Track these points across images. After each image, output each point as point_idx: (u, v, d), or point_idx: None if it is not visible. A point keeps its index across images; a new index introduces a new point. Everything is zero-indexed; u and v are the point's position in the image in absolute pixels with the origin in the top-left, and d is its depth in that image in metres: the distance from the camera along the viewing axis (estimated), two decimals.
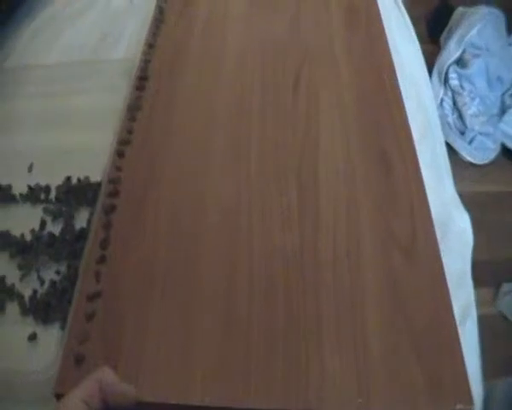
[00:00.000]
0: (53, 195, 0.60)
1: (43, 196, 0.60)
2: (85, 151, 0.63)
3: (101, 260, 0.49)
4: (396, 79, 0.69)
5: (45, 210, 0.59)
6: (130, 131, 0.60)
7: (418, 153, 0.63)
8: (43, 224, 0.58)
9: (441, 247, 0.63)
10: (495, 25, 1.52)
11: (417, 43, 0.94)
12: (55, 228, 0.58)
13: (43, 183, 0.61)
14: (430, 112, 0.83)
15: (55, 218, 0.58)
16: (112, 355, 0.44)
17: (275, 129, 0.62)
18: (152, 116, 0.63)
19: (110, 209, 0.53)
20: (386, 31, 0.77)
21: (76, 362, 0.43)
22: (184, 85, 0.66)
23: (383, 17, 0.78)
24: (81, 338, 0.44)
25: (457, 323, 0.57)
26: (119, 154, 0.58)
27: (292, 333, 0.46)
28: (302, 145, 0.60)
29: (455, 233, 0.66)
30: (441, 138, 0.82)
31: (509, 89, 1.47)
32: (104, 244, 0.50)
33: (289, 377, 0.43)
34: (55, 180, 0.61)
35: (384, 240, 0.53)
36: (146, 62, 0.68)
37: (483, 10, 1.52)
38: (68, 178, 0.61)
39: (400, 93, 0.67)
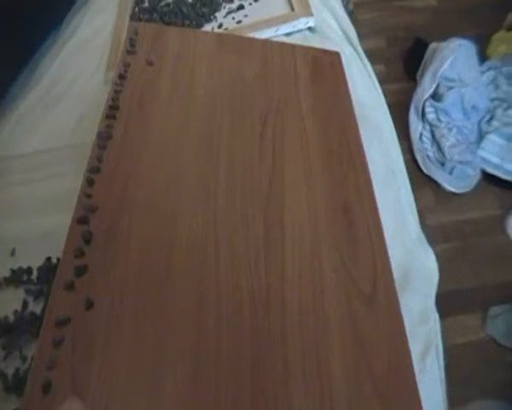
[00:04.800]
0: (35, 275, 0.65)
1: (25, 278, 0.64)
2: (65, 231, 0.66)
3: (71, 285, 0.49)
4: (358, 131, 0.72)
5: (27, 291, 0.63)
6: (100, 160, 0.60)
7: (380, 199, 0.66)
8: (25, 304, 0.62)
9: (404, 287, 0.65)
10: (466, 56, 1.56)
11: (380, 91, 0.98)
12: (36, 307, 0.62)
13: (25, 265, 0.65)
14: (394, 158, 0.86)
15: (36, 297, 0.62)
16: (80, 383, 0.43)
17: (242, 175, 0.63)
18: (122, 146, 0.62)
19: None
20: (349, 82, 0.80)
21: (43, 389, 0.42)
22: (154, 118, 0.67)
23: (346, 69, 0.82)
24: (48, 365, 0.43)
25: (419, 358, 0.59)
26: (89, 182, 0.58)
27: (259, 376, 0.47)
28: (268, 192, 0.62)
29: (419, 273, 0.69)
30: (406, 182, 0.85)
31: (484, 116, 1.51)
32: (73, 271, 0.50)
33: None
34: (37, 262, 0.66)
35: (346, 288, 0.55)
36: (117, 92, 0.68)
37: (454, 43, 1.57)
38: (48, 259, 0.66)
39: (361, 144, 0.70)
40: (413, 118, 1.52)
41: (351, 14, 1.87)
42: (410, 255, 0.70)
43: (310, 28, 1.02)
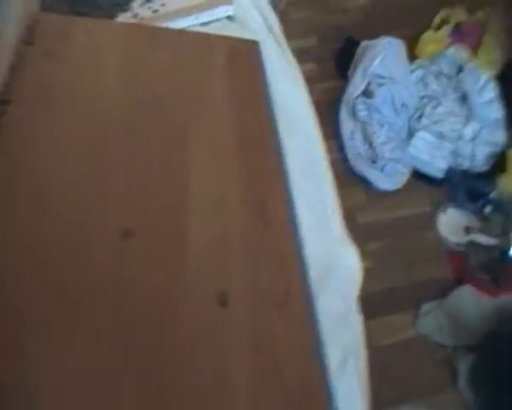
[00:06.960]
0: None
1: None
2: None
3: None
4: (273, 121, 0.70)
5: None
6: None
7: (298, 191, 0.64)
8: None
9: (322, 287, 0.62)
10: (396, 54, 1.57)
11: (303, 83, 0.95)
12: None
13: None
14: (315, 152, 0.83)
15: None
16: None
17: (142, 169, 0.61)
18: (9, 143, 0.59)
19: None
20: (270, 75, 0.78)
21: None
22: (47, 114, 0.63)
23: (267, 63, 0.80)
24: None
25: (338, 363, 0.57)
26: None
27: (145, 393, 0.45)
28: (171, 183, 0.60)
29: (339, 273, 0.65)
30: (328, 178, 0.81)
31: (413, 114, 1.51)
32: None
33: None
34: None
35: (256, 292, 0.53)
36: (8, 86, 0.63)
37: (383, 41, 1.58)
38: None
39: (276, 133, 0.68)
40: (343, 115, 1.51)
41: (282, 12, 1.85)
42: (332, 254, 0.67)
43: (229, 17, 0.98)
